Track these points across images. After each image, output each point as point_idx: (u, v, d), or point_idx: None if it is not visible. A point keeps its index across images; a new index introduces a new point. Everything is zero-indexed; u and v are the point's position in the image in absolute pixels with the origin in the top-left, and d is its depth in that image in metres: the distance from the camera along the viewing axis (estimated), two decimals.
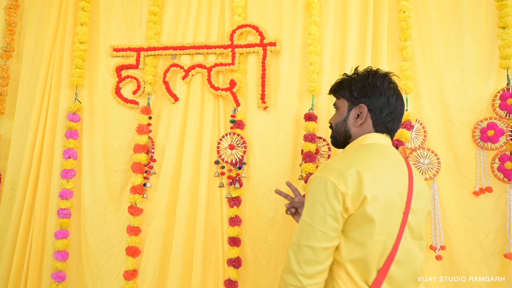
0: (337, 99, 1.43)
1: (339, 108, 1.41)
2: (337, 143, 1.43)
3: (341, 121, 1.39)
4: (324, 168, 1.18)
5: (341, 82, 1.42)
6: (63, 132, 2.23)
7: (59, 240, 2.13)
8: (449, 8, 2.06)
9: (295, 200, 1.67)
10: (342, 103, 1.40)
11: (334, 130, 1.43)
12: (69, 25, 2.33)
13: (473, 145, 1.94)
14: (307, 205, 1.16)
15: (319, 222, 1.12)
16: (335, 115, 1.43)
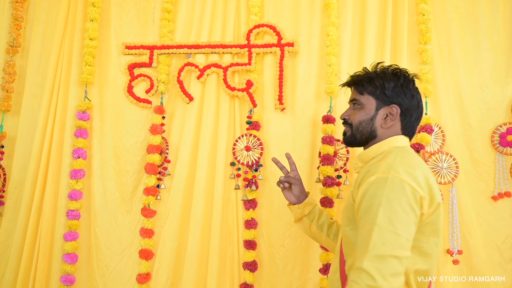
0: (361, 94, 1.35)
1: (364, 105, 1.33)
2: (354, 141, 1.35)
3: (367, 120, 1.32)
4: (390, 169, 1.10)
5: (371, 78, 1.34)
6: (72, 131, 2.17)
7: (68, 242, 2.07)
8: (466, 13, 2.05)
9: (290, 175, 1.61)
10: (368, 101, 1.33)
11: (355, 128, 1.34)
12: (79, 20, 2.26)
13: (491, 150, 1.94)
14: (380, 209, 1.04)
15: (403, 228, 1.02)
16: (358, 112, 1.34)
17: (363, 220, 1.08)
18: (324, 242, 1.59)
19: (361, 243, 1.05)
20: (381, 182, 1.09)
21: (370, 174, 1.14)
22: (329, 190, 1.93)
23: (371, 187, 1.10)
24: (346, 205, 1.24)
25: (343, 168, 1.99)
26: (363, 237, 1.05)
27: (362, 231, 1.06)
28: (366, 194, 1.10)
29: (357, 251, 1.06)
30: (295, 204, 1.60)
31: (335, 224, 1.59)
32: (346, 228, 1.21)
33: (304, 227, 1.61)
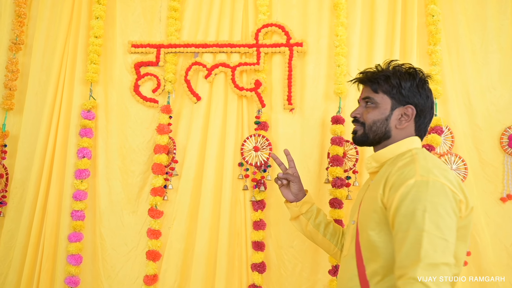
0: (375, 93, 1.30)
1: (378, 104, 1.29)
2: (366, 141, 1.32)
3: (381, 120, 1.28)
4: (429, 172, 1.07)
5: (387, 77, 1.29)
6: (77, 130, 2.13)
7: (73, 243, 2.03)
8: (475, 14, 2.06)
9: (288, 172, 1.58)
10: (383, 100, 1.29)
11: (368, 127, 1.30)
12: (83, 18, 2.22)
13: (500, 151, 1.95)
14: (426, 215, 1.00)
15: (450, 234, 1.00)
16: (372, 111, 1.30)
17: (404, 225, 1.03)
18: (320, 242, 1.56)
19: (407, 251, 1.00)
20: (422, 186, 1.05)
21: (405, 177, 1.09)
22: (338, 191, 1.92)
23: (411, 190, 1.05)
24: (373, 208, 1.17)
25: (352, 169, 1.98)
26: (410, 244, 1.00)
27: (406, 237, 1.02)
28: (406, 198, 1.05)
29: (400, 258, 1.02)
30: (292, 202, 1.57)
31: (332, 224, 1.56)
32: (371, 232, 1.16)
33: (301, 226, 1.58)
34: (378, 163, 1.30)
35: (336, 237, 1.54)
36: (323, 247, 1.57)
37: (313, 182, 2.02)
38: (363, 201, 1.28)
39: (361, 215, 1.24)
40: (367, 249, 1.18)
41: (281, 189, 1.58)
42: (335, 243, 1.53)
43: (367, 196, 1.26)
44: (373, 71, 1.35)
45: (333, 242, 1.53)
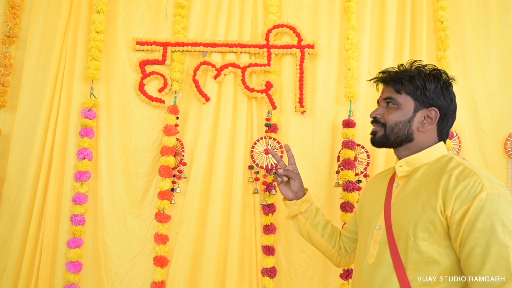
0: (398, 93, 1.27)
1: (401, 105, 1.26)
2: (386, 142, 1.29)
3: (404, 121, 1.25)
4: (493, 184, 1.06)
5: (412, 77, 1.26)
6: (77, 130, 2.02)
7: (72, 249, 1.93)
8: (480, 23, 2.11)
9: (289, 168, 1.51)
10: (406, 101, 1.26)
11: (389, 129, 1.27)
12: (83, 12, 2.11)
13: (504, 156, 2.00)
14: (507, 230, 1.00)
15: None
16: (394, 112, 1.27)
17: (482, 240, 1.02)
18: (317, 242, 1.52)
19: (493, 267, 1.00)
20: (496, 200, 1.03)
21: (475, 190, 1.06)
22: (350, 195, 1.92)
23: (486, 204, 1.03)
24: (429, 218, 1.11)
25: (363, 173, 1.98)
26: (495, 260, 1.00)
27: (488, 253, 1.01)
28: (482, 212, 1.03)
29: (484, 274, 1.01)
30: (291, 200, 1.51)
31: (330, 225, 1.54)
32: (422, 242, 1.11)
33: (298, 225, 1.53)
34: (411, 167, 1.26)
35: (334, 238, 1.51)
36: (320, 248, 1.53)
37: (324, 185, 2.01)
38: (396, 206, 1.23)
39: (400, 222, 1.18)
40: (414, 260, 1.13)
41: (280, 187, 1.52)
42: (333, 244, 1.50)
43: (403, 201, 1.21)
44: (397, 71, 1.31)
45: (331, 243, 1.50)
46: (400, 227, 1.17)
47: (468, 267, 1.04)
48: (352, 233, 1.51)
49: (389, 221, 1.21)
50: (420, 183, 1.20)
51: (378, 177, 1.47)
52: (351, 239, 1.51)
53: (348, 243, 1.51)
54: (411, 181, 1.23)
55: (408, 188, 1.22)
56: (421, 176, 1.21)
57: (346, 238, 1.52)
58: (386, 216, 1.23)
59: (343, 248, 1.52)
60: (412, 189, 1.21)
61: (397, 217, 1.20)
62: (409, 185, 1.23)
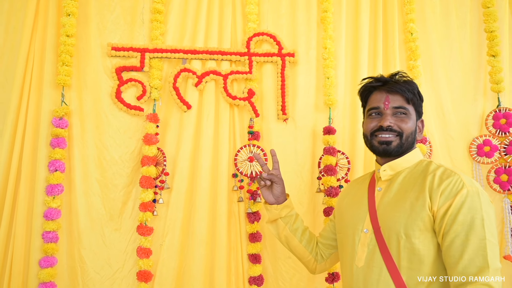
0: (407, 103, 1.32)
1: (410, 115, 1.32)
2: (399, 151, 1.30)
3: (413, 131, 1.32)
4: (473, 182, 1.16)
5: (416, 89, 1.34)
6: (48, 140, 1.89)
7: (44, 269, 1.79)
8: (443, 35, 2.27)
9: (272, 172, 1.50)
10: (411, 111, 1.32)
11: (405, 137, 1.30)
12: (52, 14, 1.98)
13: (469, 159, 2.15)
14: (485, 223, 1.09)
15: (497, 240, 1.10)
16: (407, 121, 1.31)
17: (463, 232, 1.10)
18: (294, 248, 1.53)
19: (471, 257, 1.07)
20: (475, 196, 1.12)
21: (457, 187, 1.15)
22: (333, 200, 1.96)
23: (467, 200, 1.12)
24: (419, 216, 1.17)
25: (344, 178, 2.04)
26: (473, 251, 1.07)
27: (467, 245, 1.08)
28: (463, 207, 1.11)
29: (463, 264, 1.08)
30: (272, 204, 1.51)
31: (308, 231, 1.56)
32: (415, 240, 1.16)
33: (277, 230, 1.53)
34: (394, 171, 1.32)
35: (312, 244, 1.54)
36: (297, 254, 1.54)
37: (307, 191, 2.04)
38: (382, 208, 1.26)
39: (389, 223, 1.22)
40: (408, 258, 1.17)
41: (262, 190, 1.52)
42: (310, 250, 1.53)
43: (390, 203, 1.25)
44: (406, 80, 1.35)
45: (308, 249, 1.52)
46: (389, 229, 1.21)
47: (448, 257, 1.12)
48: (328, 240, 1.54)
49: (377, 224, 1.25)
50: (404, 186, 1.26)
51: (354, 183, 1.52)
52: (327, 245, 1.54)
53: (324, 249, 1.54)
54: (395, 184, 1.29)
55: (393, 191, 1.28)
56: (404, 179, 1.28)
57: (322, 245, 1.55)
58: (372, 219, 1.27)
59: (319, 254, 1.54)
60: (397, 191, 1.27)
61: (385, 219, 1.24)
62: (393, 188, 1.29)
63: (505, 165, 2.09)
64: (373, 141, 1.34)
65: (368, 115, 1.37)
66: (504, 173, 2.07)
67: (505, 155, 2.07)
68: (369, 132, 1.35)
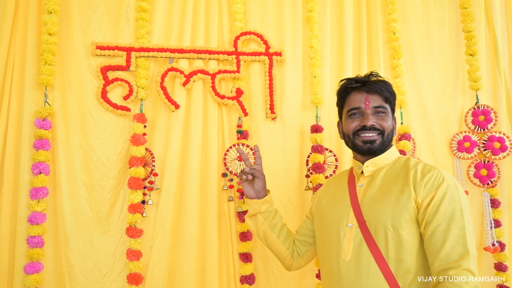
0: (385, 102, 1.36)
1: (388, 114, 1.37)
2: (382, 149, 1.36)
3: (392, 128, 1.38)
4: (451, 176, 1.24)
5: (392, 88, 1.38)
6: (31, 142, 1.83)
7: (30, 275, 1.73)
8: (424, 35, 2.34)
9: (254, 167, 1.51)
10: (389, 110, 1.37)
11: (386, 135, 1.35)
12: (32, 12, 1.92)
13: (450, 155, 2.23)
14: (463, 214, 1.17)
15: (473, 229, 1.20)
16: (387, 120, 1.36)
17: (444, 222, 1.16)
18: (272, 243, 1.54)
19: (453, 245, 1.14)
20: (455, 188, 1.21)
21: (438, 180, 1.21)
22: None
23: (448, 192, 1.19)
24: (405, 208, 1.22)
25: (332, 176, 2.07)
26: (454, 240, 1.14)
27: (448, 234, 1.15)
28: (444, 198, 1.19)
29: (446, 252, 1.14)
30: (253, 199, 1.52)
31: (286, 228, 1.59)
32: (401, 231, 1.21)
33: (256, 224, 1.54)
34: (375, 168, 1.37)
35: (289, 240, 1.56)
36: (274, 249, 1.56)
37: (295, 189, 2.05)
38: (367, 203, 1.30)
39: (375, 216, 1.26)
40: (395, 249, 1.21)
41: (244, 185, 1.52)
42: (287, 247, 1.55)
43: (374, 198, 1.29)
44: (383, 80, 1.39)
45: (285, 245, 1.55)
46: (376, 221, 1.25)
47: (431, 245, 1.18)
48: (305, 236, 1.57)
49: (361, 218, 1.29)
50: (387, 180, 1.31)
51: (332, 181, 1.56)
52: (303, 242, 1.57)
53: (300, 246, 1.57)
54: (377, 180, 1.34)
55: (376, 186, 1.32)
56: (385, 175, 1.34)
57: (298, 242, 1.57)
58: (356, 213, 1.31)
59: (296, 251, 1.57)
60: (380, 186, 1.32)
61: (371, 213, 1.28)
62: (375, 183, 1.33)
63: (484, 160, 2.17)
64: (356, 140, 1.37)
65: (349, 116, 1.40)
66: (484, 167, 2.15)
67: (484, 150, 2.16)
68: (351, 132, 1.38)
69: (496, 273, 2.09)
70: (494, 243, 2.09)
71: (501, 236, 2.12)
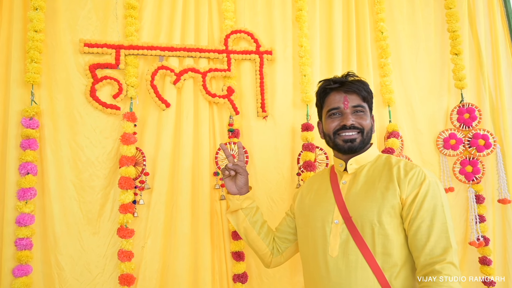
0: (363, 101, 1.41)
1: (367, 113, 1.41)
2: (362, 147, 1.41)
3: (371, 126, 1.43)
4: (431, 174, 1.30)
5: (368, 87, 1.43)
6: (17, 142, 1.78)
7: (19, 279, 1.69)
8: (411, 34, 2.38)
9: (237, 163, 1.54)
10: (367, 108, 1.42)
11: (366, 134, 1.40)
12: (17, 8, 1.87)
13: (436, 152, 2.27)
14: (444, 209, 1.23)
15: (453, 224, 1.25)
16: (366, 118, 1.40)
17: (428, 218, 1.22)
18: (252, 240, 1.56)
19: (437, 239, 1.20)
20: (435, 185, 1.27)
21: (420, 178, 1.27)
22: None
23: (430, 189, 1.25)
24: (390, 204, 1.26)
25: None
26: (437, 234, 1.21)
27: (432, 229, 1.21)
28: (427, 195, 1.24)
29: (430, 246, 1.20)
30: (235, 195, 1.55)
31: (267, 225, 1.61)
32: (387, 226, 1.25)
33: (237, 220, 1.57)
34: (358, 165, 1.42)
35: (269, 238, 1.58)
36: (254, 246, 1.58)
37: (287, 187, 2.06)
38: (351, 199, 1.34)
39: (361, 212, 1.29)
40: (382, 244, 1.25)
41: (226, 180, 1.54)
42: (267, 244, 1.57)
43: (359, 194, 1.33)
44: (359, 80, 1.43)
45: (266, 242, 1.57)
46: (362, 217, 1.29)
47: (416, 240, 1.23)
48: (284, 233, 1.60)
49: (347, 214, 1.33)
50: (370, 177, 1.36)
51: (314, 180, 1.59)
52: (283, 239, 1.59)
53: (280, 243, 1.59)
54: (360, 177, 1.39)
55: (360, 183, 1.37)
56: (368, 172, 1.39)
57: (278, 239, 1.60)
58: (341, 210, 1.35)
59: (276, 248, 1.59)
60: (364, 183, 1.36)
61: (356, 209, 1.32)
62: (359, 180, 1.38)
63: (469, 157, 2.23)
64: (337, 139, 1.41)
65: (328, 116, 1.43)
66: (469, 164, 2.21)
67: (469, 147, 2.21)
68: (332, 131, 1.42)
69: (481, 267, 2.15)
70: (479, 238, 2.15)
71: (486, 231, 2.18)
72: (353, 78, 1.45)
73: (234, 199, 1.54)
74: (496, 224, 2.24)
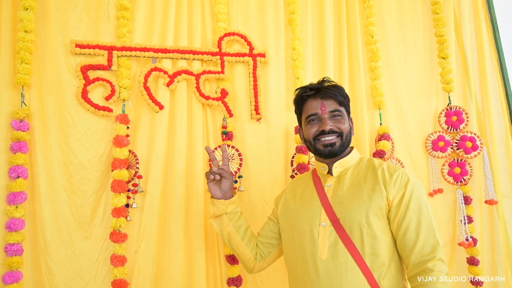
0: (340, 106, 1.43)
1: (344, 116, 1.43)
2: (343, 150, 1.43)
3: (349, 129, 1.45)
4: (413, 175, 1.36)
5: (344, 91, 1.45)
6: (7, 144, 1.74)
7: (9, 285, 1.64)
8: (400, 38, 2.43)
9: (222, 167, 1.53)
10: (344, 112, 1.44)
11: (345, 137, 1.42)
12: (6, 8, 1.83)
13: (425, 154, 2.32)
14: (428, 208, 1.29)
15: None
16: (344, 122, 1.42)
17: (415, 217, 1.27)
18: (235, 245, 1.56)
19: (426, 238, 1.25)
20: (418, 185, 1.32)
21: (404, 179, 1.32)
22: None
23: (414, 190, 1.30)
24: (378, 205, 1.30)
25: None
26: (425, 233, 1.26)
27: (420, 228, 1.26)
28: (412, 196, 1.30)
29: (420, 245, 1.25)
30: (219, 199, 1.53)
31: (250, 230, 1.60)
32: (375, 227, 1.28)
33: (221, 225, 1.55)
34: (343, 168, 1.45)
35: (252, 243, 1.58)
36: (237, 251, 1.58)
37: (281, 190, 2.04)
38: (338, 201, 1.36)
39: (348, 214, 1.31)
40: (370, 245, 1.28)
41: (210, 185, 1.53)
42: (250, 249, 1.57)
43: (345, 196, 1.36)
44: (335, 85, 1.46)
45: (249, 247, 1.57)
46: (351, 219, 1.32)
47: (405, 240, 1.28)
48: (267, 238, 1.60)
49: (334, 217, 1.34)
50: (355, 180, 1.40)
51: (297, 183, 1.60)
52: (266, 244, 1.60)
53: (263, 248, 1.60)
54: (345, 180, 1.41)
55: (345, 185, 1.40)
56: (352, 175, 1.42)
57: (261, 244, 1.60)
58: (328, 213, 1.36)
59: (259, 253, 1.59)
60: (350, 185, 1.39)
61: (343, 211, 1.34)
62: (344, 183, 1.40)
63: (457, 158, 2.28)
64: (317, 145, 1.43)
65: (307, 122, 1.46)
66: (457, 166, 2.26)
67: (457, 149, 2.26)
68: (311, 137, 1.44)
69: (469, 267, 2.20)
70: (467, 238, 2.20)
71: (473, 231, 2.23)
72: (328, 83, 1.47)
73: (219, 203, 1.52)
74: (483, 225, 2.29)
